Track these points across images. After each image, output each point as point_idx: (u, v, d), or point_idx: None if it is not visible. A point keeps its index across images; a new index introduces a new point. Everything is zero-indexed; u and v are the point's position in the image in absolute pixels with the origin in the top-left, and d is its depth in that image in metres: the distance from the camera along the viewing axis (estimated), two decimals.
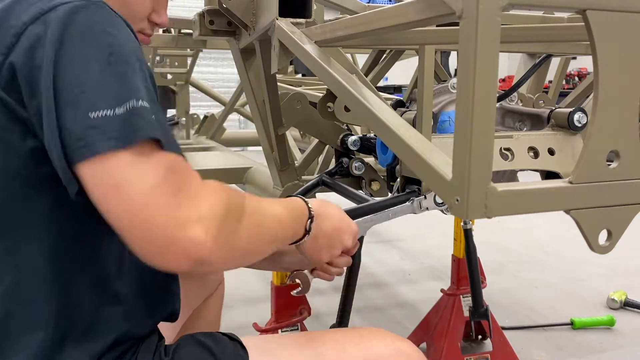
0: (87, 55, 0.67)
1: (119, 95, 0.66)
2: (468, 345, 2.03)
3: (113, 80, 0.67)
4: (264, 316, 1.73)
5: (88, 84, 0.65)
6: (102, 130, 0.64)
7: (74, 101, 0.65)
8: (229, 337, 0.87)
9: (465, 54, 0.56)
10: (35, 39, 0.68)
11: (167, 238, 0.63)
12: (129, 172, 0.64)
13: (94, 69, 0.66)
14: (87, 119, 0.64)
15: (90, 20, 0.69)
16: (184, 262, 0.65)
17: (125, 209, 0.64)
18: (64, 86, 0.65)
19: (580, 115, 1.12)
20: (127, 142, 0.64)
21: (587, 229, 0.64)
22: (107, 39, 0.68)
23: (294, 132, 2.38)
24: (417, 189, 1.17)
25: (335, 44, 1.17)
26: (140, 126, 0.66)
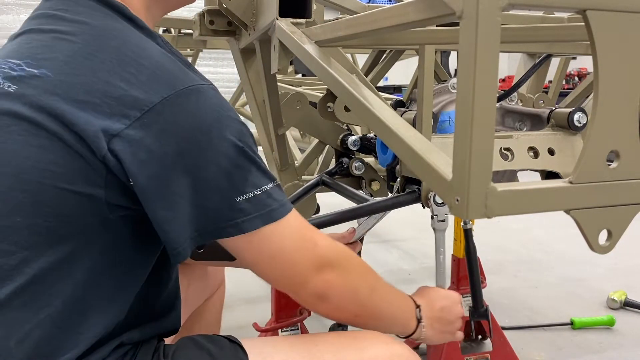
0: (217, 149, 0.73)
1: (257, 181, 0.76)
2: (468, 345, 2.03)
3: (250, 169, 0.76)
4: (264, 316, 1.73)
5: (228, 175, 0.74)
6: (248, 212, 0.75)
7: (216, 186, 0.73)
8: (229, 340, 0.87)
9: (465, 54, 0.56)
10: (163, 121, 0.70)
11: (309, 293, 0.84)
12: (282, 243, 0.79)
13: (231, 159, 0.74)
14: (234, 202, 0.74)
15: (216, 109, 0.75)
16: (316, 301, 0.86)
17: (281, 274, 0.82)
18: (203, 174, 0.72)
19: (580, 115, 1.12)
20: (269, 220, 0.76)
21: (587, 229, 0.64)
22: (232, 127, 0.75)
23: (294, 132, 2.38)
24: (417, 189, 1.17)
25: (335, 44, 1.17)
26: (277, 205, 0.78)
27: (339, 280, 0.84)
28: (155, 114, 0.69)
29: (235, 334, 0.89)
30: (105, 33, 0.75)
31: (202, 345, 0.84)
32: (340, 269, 0.84)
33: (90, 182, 0.70)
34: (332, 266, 0.83)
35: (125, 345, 0.80)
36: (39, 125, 0.70)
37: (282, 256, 0.80)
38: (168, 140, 0.70)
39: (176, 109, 0.71)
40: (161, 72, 0.72)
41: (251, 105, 1.64)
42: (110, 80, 0.70)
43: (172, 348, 0.84)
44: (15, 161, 0.70)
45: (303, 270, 0.81)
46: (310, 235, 0.83)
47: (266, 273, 0.82)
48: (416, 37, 1.04)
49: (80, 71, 0.71)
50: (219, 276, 1.41)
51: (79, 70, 0.72)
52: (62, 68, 0.72)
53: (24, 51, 0.76)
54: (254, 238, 0.77)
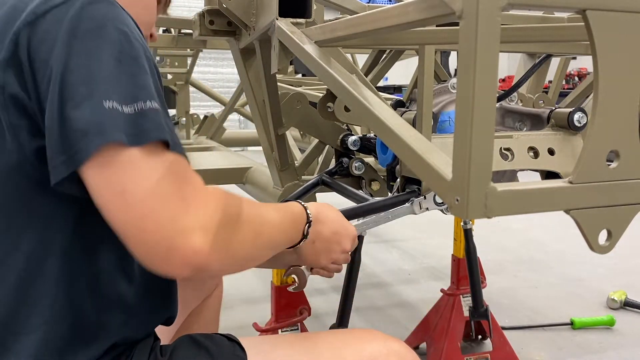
0: (98, 50, 0.66)
1: (129, 93, 0.65)
2: (468, 345, 2.03)
3: (123, 78, 0.66)
4: (264, 316, 1.73)
5: (99, 77, 0.64)
6: (115, 121, 0.63)
7: (83, 93, 0.64)
8: (228, 338, 0.87)
9: (465, 54, 0.56)
10: (45, 32, 0.67)
11: (169, 246, 0.64)
12: (135, 174, 0.64)
13: (104, 64, 0.65)
14: (101, 108, 0.63)
15: (103, 16, 0.68)
16: (185, 269, 0.65)
17: (130, 216, 0.63)
18: (73, 78, 0.64)
19: (580, 115, 1.12)
20: (135, 141, 0.64)
21: (587, 229, 0.64)
22: (118, 36, 0.68)
23: (294, 132, 2.38)
24: (417, 189, 1.18)
25: (335, 44, 1.17)
26: (148, 128, 0.65)
27: (212, 245, 0.66)
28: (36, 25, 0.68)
29: (235, 334, 0.89)
30: None
31: (200, 344, 0.84)
32: (216, 229, 0.67)
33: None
34: (205, 228, 0.66)
35: (120, 346, 0.80)
36: None
37: (137, 194, 0.63)
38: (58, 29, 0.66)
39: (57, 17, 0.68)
40: None
41: (251, 105, 1.64)
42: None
43: (170, 347, 0.84)
44: None
45: (165, 224, 0.63)
46: (182, 178, 0.67)
47: (115, 217, 0.65)
48: (416, 37, 1.04)
49: None
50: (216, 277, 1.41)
51: None
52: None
53: None
54: (105, 163, 0.63)
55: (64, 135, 0.64)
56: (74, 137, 0.63)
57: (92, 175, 0.64)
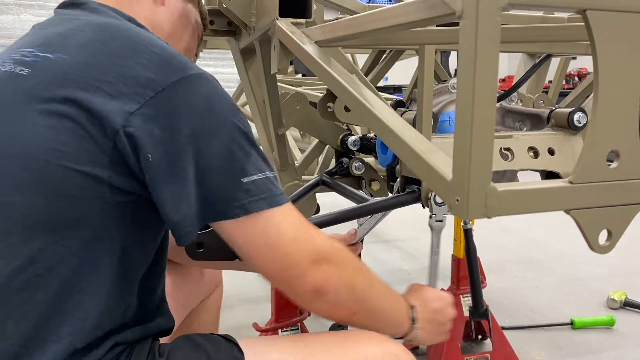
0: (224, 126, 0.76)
1: (259, 166, 0.78)
2: (468, 345, 2.03)
3: (252, 153, 0.78)
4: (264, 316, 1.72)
5: (234, 155, 0.75)
6: (253, 193, 0.76)
7: (223, 168, 0.74)
8: (225, 339, 0.87)
9: (465, 54, 0.56)
10: (176, 101, 0.73)
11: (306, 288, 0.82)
12: (277, 232, 0.78)
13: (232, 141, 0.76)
14: (238, 182, 0.75)
15: (226, 96, 0.78)
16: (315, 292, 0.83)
17: (278, 264, 0.80)
18: (206, 155, 0.74)
19: (580, 115, 1.12)
20: (273, 203, 0.77)
21: (587, 229, 0.64)
22: (238, 115, 0.78)
23: (294, 132, 2.38)
24: (417, 188, 1.17)
25: (335, 44, 1.17)
26: (278, 192, 0.79)
27: (336, 274, 0.83)
28: (168, 93, 0.72)
29: (235, 334, 0.89)
30: (116, 26, 0.81)
31: (198, 344, 0.84)
32: (337, 264, 0.83)
33: (96, 163, 0.72)
34: (329, 260, 0.82)
35: (120, 345, 0.80)
36: (50, 106, 0.72)
37: (280, 244, 0.78)
38: (180, 118, 0.73)
39: (189, 90, 0.74)
40: (172, 59, 0.77)
41: (251, 105, 1.64)
42: (125, 63, 0.74)
43: (168, 347, 0.84)
44: (23, 139, 0.72)
45: (300, 262, 0.80)
46: (307, 227, 0.83)
47: (262, 263, 0.80)
48: (416, 37, 1.04)
49: (96, 54, 0.75)
50: (216, 277, 1.41)
51: (95, 53, 0.75)
52: (78, 52, 0.75)
53: (36, 41, 0.80)
54: (255, 222, 0.76)
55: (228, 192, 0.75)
56: (223, 201, 0.75)
57: (236, 231, 0.78)
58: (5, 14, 6.52)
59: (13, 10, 6.56)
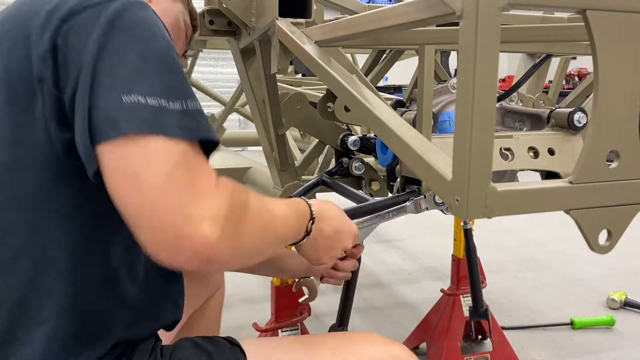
0: (132, 46, 0.68)
1: (166, 88, 0.68)
2: (468, 345, 2.03)
3: (161, 74, 0.68)
4: (264, 316, 1.73)
5: (128, 70, 0.66)
6: (134, 112, 0.64)
7: (111, 84, 0.65)
8: (228, 341, 0.87)
9: (465, 54, 0.56)
10: (81, 26, 0.69)
11: (178, 234, 0.63)
12: (148, 160, 0.64)
13: (134, 59, 0.67)
14: (121, 101, 0.64)
15: (139, 16, 0.71)
16: (194, 259, 0.65)
17: (140, 200, 0.63)
18: (104, 70, 0.66)
19: (580, 115, 1.12)
20: (159, 130, 0.65)
21: (587, 229, 0.64)
22: (151, 36, 0.70)
23: (294, 132, 2.38)
24: (417, 188, 1.17)
25: (335, 44, 1.17)
26: (178, 123, 0.67)
27: (221, 236, 0.65)
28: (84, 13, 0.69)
29: (235, 334, 0.89)
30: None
31: (200, 346, 0.84)
32: (225, 222, 0.66)
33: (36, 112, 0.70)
34: (215, 219, 0.65)
35: (122, 345, 0.80)
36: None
37: (150, 179, 0.63)
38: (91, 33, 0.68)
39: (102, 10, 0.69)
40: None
41: (251, 105, 1.64)
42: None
43: (170, 348, 0.84)
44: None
45: (174, 211, 0.63)
46: (200, 173, 0.67)
47: (125, 200, 0.65)
48: (416, 37, 1.04)
49: None
50: (218, 277, 1.41)
51: None
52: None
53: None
54: (126, 146, 0.64)
55: (93, 119, 0.65)
56: (97, 124, 0.65)
57: (108, 156, 0.65)
58: None
59: None
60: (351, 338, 0.91)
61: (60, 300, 0.73)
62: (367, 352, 0.87)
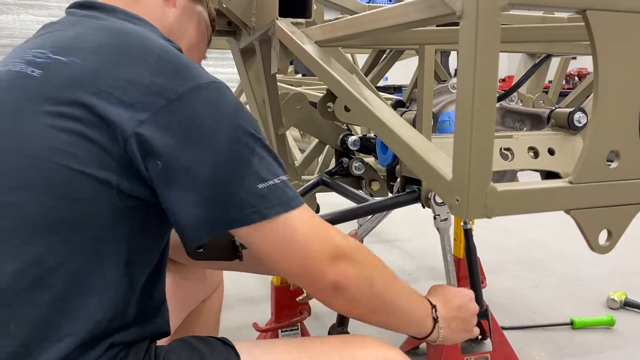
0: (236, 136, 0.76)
1: (274, 170, 0.79)
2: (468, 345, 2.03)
3: (265, 157, 0.78)
4: (264, 316, 1.73)
5: (247, 160, 0.76)
6: (269, 198, 0.76)
7: (236, 174, 0.74)
8: (222, 342, 0.87)
9: (465, 54, 0.56)
10: (188, 110, 0.73)
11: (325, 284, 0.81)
12: (299, 231, 0.79)
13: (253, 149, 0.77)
14: (255, 188, 0.75)
15: (234, 103, 0.78)
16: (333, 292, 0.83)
17: (297, 264, 0.80)
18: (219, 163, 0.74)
19: (580, 115, 1.12)
20: (288, 207, 0.78)
21: (587, 229, 0.64)
22: (249, 120, 0.78)
23: (294, 132, 2.38)
24: (417, 188, 1.18)
25: (335, 44, 1.17)
26: (293, 195, 0.80)
27: (354, 271, 0.83)
28: (180, 102, 0.73)
29: (235, 334, 0.89)
30: (128, 31, 0.81)
31: (194, 347, 0.84)
32: (356, 260, 0.83)
33: (105, 167, 0.72)
34: (347, 257, 0.82)
35: (117, 346, 0.80)
36: (60, 108, 0.72)
37: (298, 245, 0.79)
38: (192, 127, 0.73)
39: (201, 99, 0.75)
40: (184, 66, 0.77)
41: (251, 105, 1.64)
42: (137, 69, 0.74)
43: (165, 349, 0.84)
44: (31, 139, 0.72)
45: (319, 260, 0.80)
46: (324, 226, 0.84)
47: (282, 264, 0.81)
48: (416, 37, 1.04)
49: (108, 60, 0.75)
50: (217, 277, 1.41)
51: (107, 58, 0.75)
52: (90, 56, 0.75)
53: (48, 42, 0.80)
54: (273, 226, 0.77)
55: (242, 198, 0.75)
56: (236, 210, 0.75)
57: (255, 235, 0.78)
58: (6, 14, 6.52)
59: (13, 10, 6.56)
60: (346, 341, 0.91)
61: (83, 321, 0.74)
62: (361, 355, 0.87)
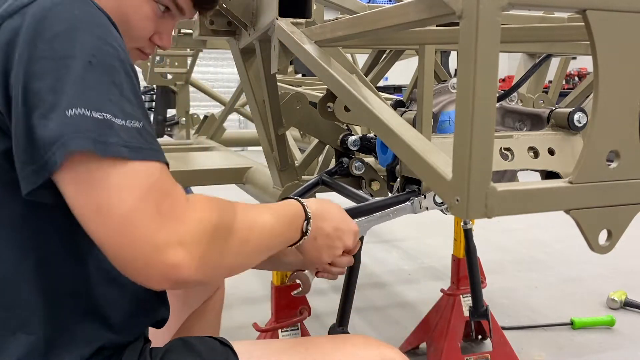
0: (68, 54, 0.63)
1: (97, 103, 0.63)
2: (468, 345, 2.03)
3: (94, 87, 0.63)
4: (264, 316, 1.73)
5: (67, 84, 0.62)
6: (79, 128, 0.61)
7: (48, 100, 0.61)
8: (220, 342, 0.87)
9: (465, 54, 0.56)
10: (13, 34, 0.64)
11: (146, 262, 0.63)
12: (110, 190, 0.62)
13: (73, 71, 0.63)
14: (64, 116, 0.61)
15: (74, 17, 0.65)
16: (164, 283, 0.65)
17: (106, 231, 0.62)
18: (37, 85, 0.62)
19: (580, 115, 1.12)
20: (104, 151, 0.61)
21: (587, 229, 0.64)
22: (90, 40, 0.65)
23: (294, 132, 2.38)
24: (417, 188, 1.17)
25: (335, 44, 1.17)
26: (129, 143, 0.63)
27: (194, 260, 0.65)
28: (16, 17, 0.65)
29: (235, 334, 0.89)
30: None
31: (192, 347, 0.84)
32: (198, 246, 0.66)
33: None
34: (184, 243, 0.64)
35: (107, 349, 0.79)
36: None
37: (112, 211, 0.61)
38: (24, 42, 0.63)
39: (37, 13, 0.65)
40: None
41: (251, 105, 1.64)
42: None
43: (162, 350, 0.84)
44: None
45: (141, 242, 0.62)
46: (167, 193, 0.65)
47: (95, 231, 0.64)
48: (416, 37, 1.04)
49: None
50: None
51: None
52: None
53: None
54: (81, 170, 0.62)
55: (32, 144, 0.62)
56: (42, 146, 0.61)
57: (66, 186, 0.63)
58: None
59: None
60: (345, 341, 0.91)
61: (31, 312, 0.72)
62: (360, 355, 0.87)
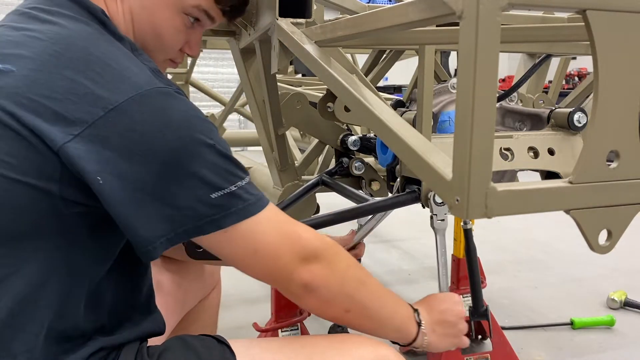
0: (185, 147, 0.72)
1: (229, 177, 0.75)
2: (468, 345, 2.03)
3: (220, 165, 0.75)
4: (264, 316, 1.72)
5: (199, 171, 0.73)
6: (225, 207, 0.74)
7: (188, 186, 0.72)
8: (217, 340, 0.87)
9: (465, 54, 0.56)
10: (129, 120, 0.69)
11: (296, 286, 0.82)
12: (262, 237, 0.78)
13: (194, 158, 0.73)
14: (208, 199, 0.73)
15: (182, 109, 0.73)
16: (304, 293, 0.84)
17: (265, 269, 0.81)
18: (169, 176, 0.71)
19: (580, 115, 1.12)
20: (247, 214, 0.76)
21: (587, 229, 0.64)
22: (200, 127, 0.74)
23: (294, 132, 2.38)
24: (417, 188, 1.17)
25: (335, 44, 1.17)
26: (253, 199, 0.77)
27: (325, 271, 0.82)
28: (119, 112, 0.69)
29: (235, 334, 0.89)
30: (74, 34, 0.75)
31: (189, 346, 0.84)
32: (326, 260, 0.83)
33: (44, 176, 0.69)
34: (317, 257, 0.82)
35: (105, 349, 0.80)
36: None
37: (264, 251, 0.79)
38: (134, 138, 0.69)
39: (143, 108, 0.70)
40: (128, 74, 0.72)
41: (251, 105, 1.64)
42: (75, 78, 0.70)
43: (160, 348, 0.84)
44: None
45: (287, 263, 0.80)
46: (291, 228, 0.82)
47: (250, 269, 0.81)
48: (416, 37, 1.04)
49: (45, 68, 0.71)
50: (215, 276, 1.41)
51: (44, 67, 0.71)
52: (27, 64, 0.71)
53: None
54: (232, 234, 0.76)
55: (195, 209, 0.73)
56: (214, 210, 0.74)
57: (219, 242, 0.77)
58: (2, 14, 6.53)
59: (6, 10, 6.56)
60: (343, 339, 0.91)
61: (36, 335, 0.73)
62: (356, 353, 0.87)
